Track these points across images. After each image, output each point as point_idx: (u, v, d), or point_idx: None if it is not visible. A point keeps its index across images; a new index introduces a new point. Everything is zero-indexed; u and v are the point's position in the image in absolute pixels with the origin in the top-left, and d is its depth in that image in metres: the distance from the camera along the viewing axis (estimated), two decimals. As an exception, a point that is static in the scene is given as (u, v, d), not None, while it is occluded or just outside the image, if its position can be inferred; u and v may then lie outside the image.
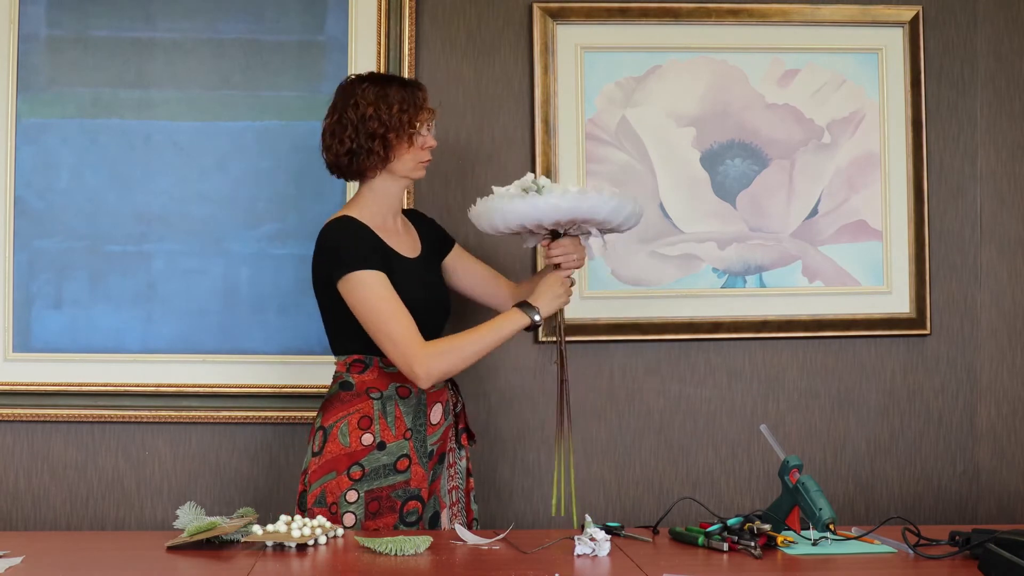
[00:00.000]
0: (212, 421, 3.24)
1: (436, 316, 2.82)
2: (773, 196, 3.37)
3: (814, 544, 2.34)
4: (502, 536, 2.42)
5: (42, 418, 3.21)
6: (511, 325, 2.71)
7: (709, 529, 2.36)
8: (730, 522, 2.35)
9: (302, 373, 3.23)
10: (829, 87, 3.39)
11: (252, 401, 3.24)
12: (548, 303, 2.74)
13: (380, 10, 3.26)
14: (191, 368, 3.23)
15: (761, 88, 3.37)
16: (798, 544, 2.35)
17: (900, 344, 3.39)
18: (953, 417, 3.40)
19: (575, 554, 2.27)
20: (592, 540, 2.28)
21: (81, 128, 3.24)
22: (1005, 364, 3.41)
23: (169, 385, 3.22)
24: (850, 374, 3.38)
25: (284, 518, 2.39)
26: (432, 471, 2.76)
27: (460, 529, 2.45)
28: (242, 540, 2.36)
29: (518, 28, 3.34)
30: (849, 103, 3.39)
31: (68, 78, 3.23)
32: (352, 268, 2.67)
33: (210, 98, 3.26)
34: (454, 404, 2.87)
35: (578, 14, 3.32)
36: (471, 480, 2.90)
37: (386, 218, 2.81)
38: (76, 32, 3.24)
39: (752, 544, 2.27)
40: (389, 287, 2.68)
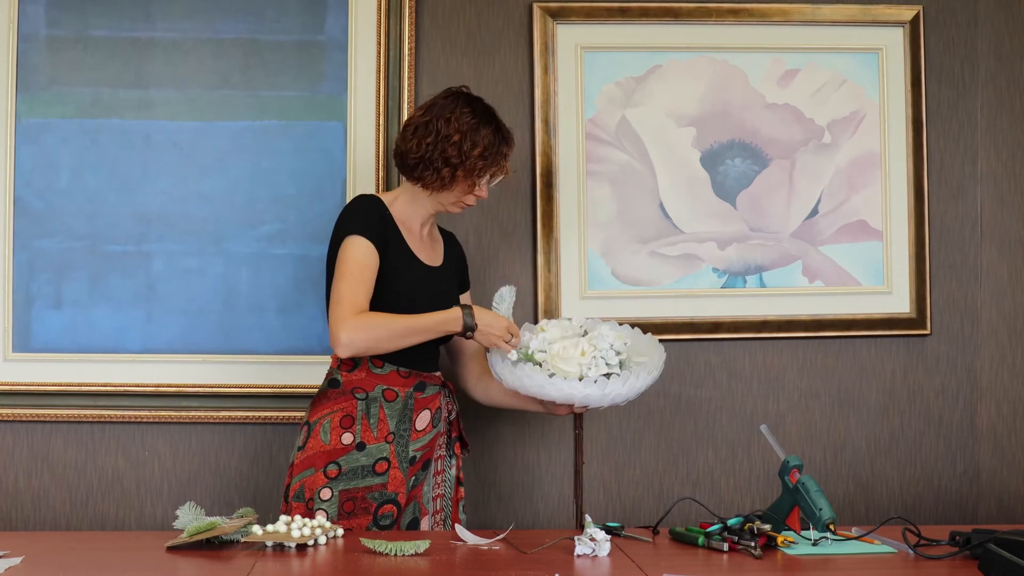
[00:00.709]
0: (212, 421, 3.24)
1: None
2: (773, 196, 3.37)
3: (814, 544, 2.34)
4: (502, 536, 2.42)
5: (42, 418, 3.21)
6: (446, 326, 2.71)
7: (709, 529, 2.35)
8: (730, 522, 2.35)
9: (302, 373, 3.23)
10: (829, 87, 3.39)
11: (252, 401, 3.24)
12: (485, 334, 2.72)
13: (380, 10, 3.26)
14: (191, 368, 3.23)
15: (761, 88, 3.37)
16: (798, 544, 2.35)
17: (900, 344, 3.39)
18: (953, 417, 3.40)
19: (575, 554, 2.27)
20: (592, 540, 2.27)
21: (81, 128, 3.23)
22: (1005, 364, 3.41)
23: (169, 385, 3.22)
24: (850, 374, 3.38)
25: (284, 518, 2.39)
26: (413, 477, 2.76)
27: (460, 529, 2.45)
28: (242, 540, 2.35)
29: (518, 28, 3.34)
30: (849, 103, 3.39)
31: (68, 78, 3.23)
32: (349, 232, 2.72)
33: (210, 98, 3.26)
34: (448, 412, 2.86)
35: (578, 14, 3.32)
36: (461, 489, 2.89)
37: (412, 220, 2.84)
38: (76, 32, 3.24)
39: (752, 544, 2.27)
40: (369, 258, 2.70)
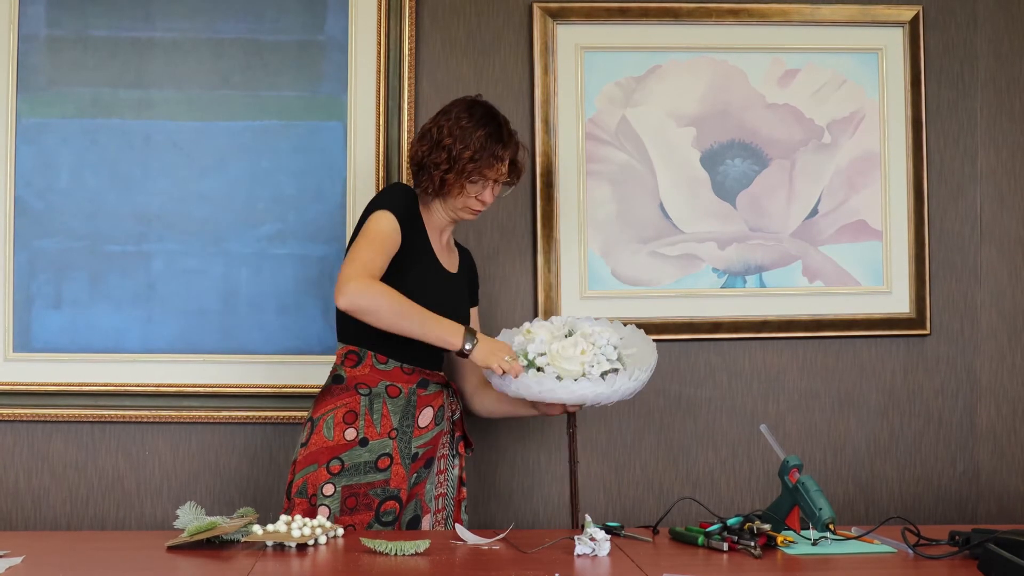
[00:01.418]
0: (212, 421, 3.24)
1: None
2: (773, 196, 3.37)
3: (814, 544, 2.34)
4: (502, 536, 2.42)
5: (42, 418, 3.21)
6: (448, 333, 2.66)
7: (709, 529, 2.35)
8: (730, 522, 2.35)
9: (302, 373, 3.23)
10: (829, 87, 3.39)
11: (252, 401, 3.24)
12: (484, 354, 2.67)
13: (380, 10, 3.26)
14: (191, 368, 3.23)
15: (761, 88, 3.37)
16: (798, 544, 2.35)
17: (900, 344, 3.39)
18: (953, 417, 3.40)
19: (575, 554, 2.27)
20: (592, 540, 2.28)
21: (81, 128, 3.24)
22: (1005, 364, 3.41)
23: (169, 385, 3.22)
24: (850, 374, 3.38)
25: (284, 518, 2.39)
26: (416, 474, 2.76)
27: (460, 529, 2.45)
28: (242, 540, 2.35)
29: (518, 28, 3.34)
30: (849, 103, 3.39)
31: (68, 78, 3.23)
32: (379, 207, 2.74)
33: (210, 98, 3.26)
34: (452, 411, 2.86)
35: (578, 14, 3.32)
36: (463, 490, 2.89)
37: (433, 225, 2.86)
38: (76, 32, 3.24)
39: (752, 544, 2.27)
40: (394, 232, 2.72)
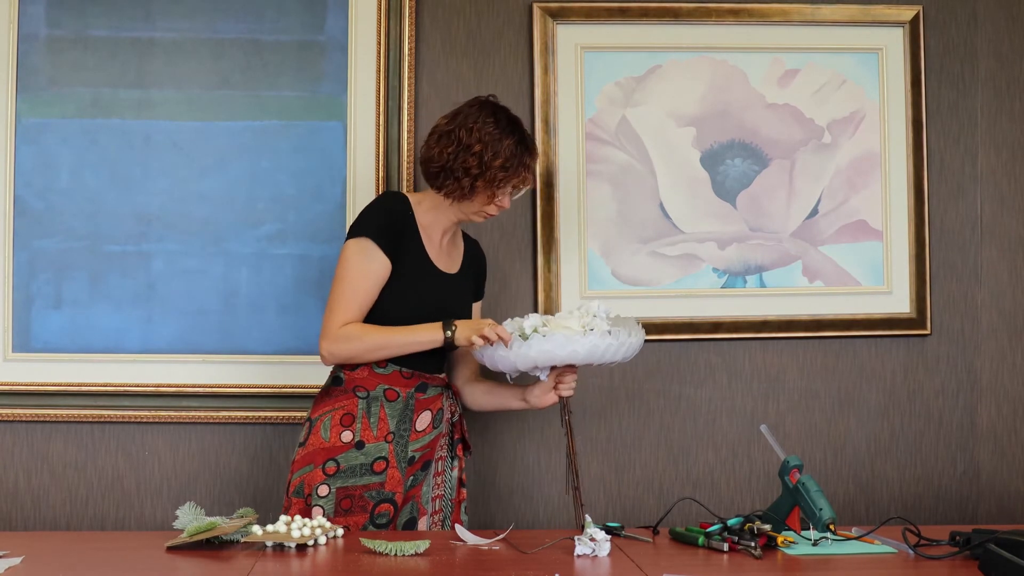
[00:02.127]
0: (212, 421, 3.24)
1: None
2: (773, 196, 3.37)
3: (814, 544, 2.34)
4: (502, 536, 2.42)
5: (42, 418, 3.21)
6: (427, 336, 2.69)
7: (709, 529, 2.35)
8: (730, 522, 2.35)
9: (302, 373, 3.23)
10: (829, 87, 3.39)
11: (252, 401, 3.24)
12: (467, 332, 2.68)
13: (380, 10, 3.26)
14: (191, 368, 3.23)
15: (761, 88, 3.37)
16: (798, 544, 2.35)
17: (900, 344, 3.39)
18: (953, 417, 3.40)
19: (575, 554, 2.27)
20: (592, 540, 2.27)
21: (81, 128, 3.23)
22: (1005, 364, 3.41)
23: (169, 385, 3.22)
24: (850, 374, 3.38)
25: (284, 518, 2.39)
26: (412, 477, 2.76)
27: (460, 529, 2.45)
28: (242, 540, 2.35)
29: (518, 28, 3.34)
30: (849, 103, 3.39)
31: (68, 78, 3.23)
32: (360, 233, 2.73)
33: (210, 98, 3.26)
34: (451, 413, 2.86)
35: (578, 14, 3.32)
36: (463, 491, 2.89)
37: (434, 226, 2.83)
38: (76, 32, 3.24)
39: (752, 544, 2.27)
40: (372, 266, 2.70)
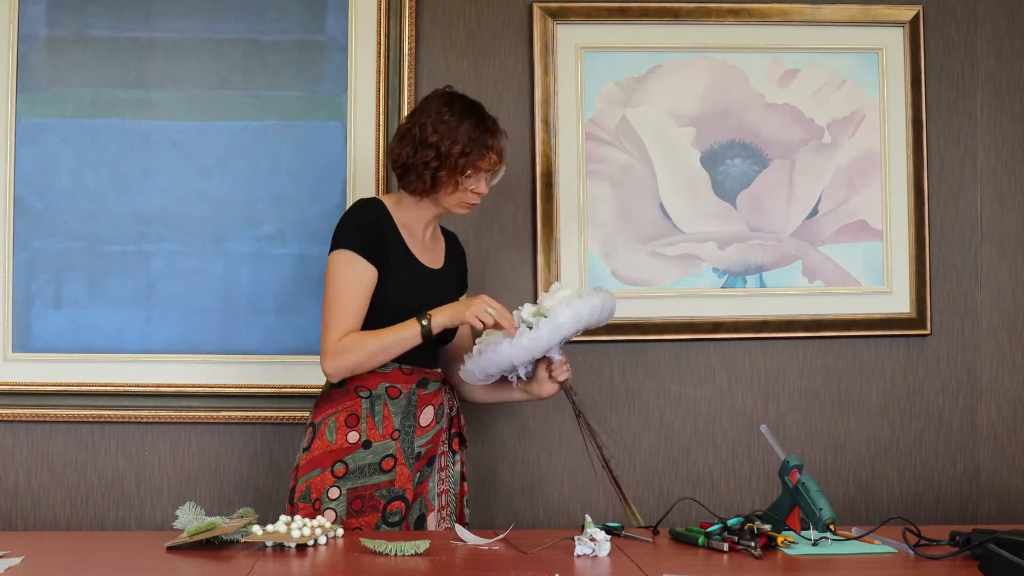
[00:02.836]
0: (212, 421, 3.24)
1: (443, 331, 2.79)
2: (773, 196, 3.37)
3: (814, 544, 2.34)
4: (502, 536, 2.42)
5: (42, 418, 3.21)
6: (407, 331, 2.69)
7: (709, 529, 2.35)
8: (730, 522, 2.35)
9: (301, 373, 3.23)
10: (829, 87, 3.39)
11: (252, 401, 3.24)
12: (458, 312, 2.69)
13: (380, 10, 3.26)
14: (191, 368, 3.23)
15: (761, 88, 3.37)
16: (798, 544, 2.35)
17: (900, 344, 3.39)
18: (953, 417, 3.40)
19: (575, 554, 2.27)
20: (592, 540, 2.27)
21: (81, 128, 3.24)
22: (1005, 364, 3.41)
23: (169, 385, 3.22)
24: (850, 374, 3.38)
25: (284, 518, 2.39)
26: (419, 473, 2.76)
27: (460, 529, 2.45)
28: (242, 540, 2.35)
29: (518, 28, 3.34)
30: (849, 103, 3.39)
31: (68, 78, 3.23)
32: (340, 245, 2.72)
33: (210, 98, 3.26)
34: (449, 408, 2.86)
35: (578, 14, 3.32)
36: (464, 484, 2.89)
37: (414, 223, 2.82)
38: (76, 32, 3.24)
39: (752, 544, 2.27)
40: (360, 274, 2.70)
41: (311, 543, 2.35)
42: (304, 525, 2.36)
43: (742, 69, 3.37)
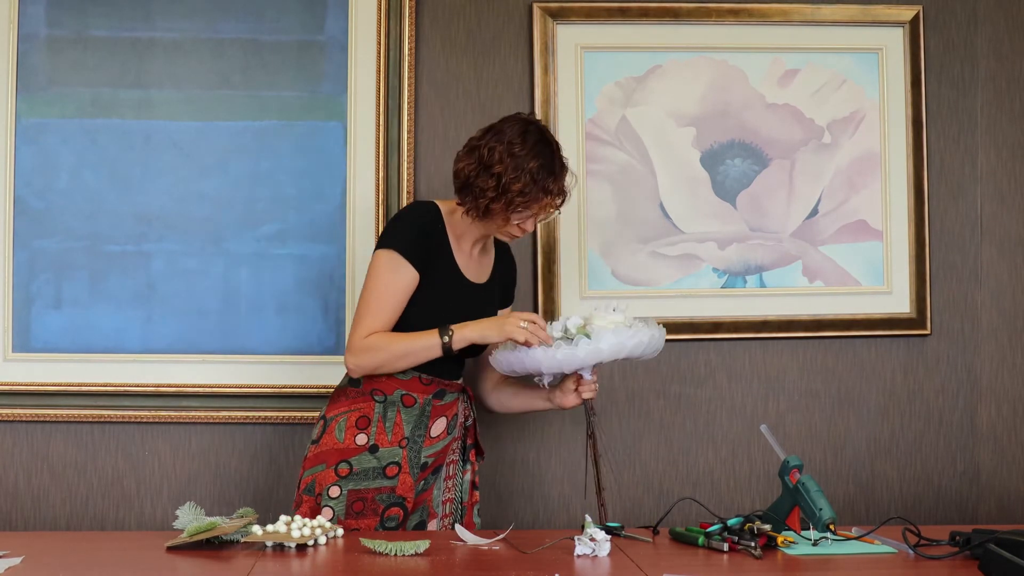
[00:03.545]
0: (212, 421, 3.24)
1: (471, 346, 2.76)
2: (773, 196, 3.37)
3: (814, 544, 2.34)
4: (502, 536, 2.42)
5: (42, 418, 3.21)
6: (429, 341, 2.65)
7: (709, 529, 2.35)
8: (730, 522, 2.35)
9: (302, 373, 3.23)
10: (829, 87, 3.39)
11: (252, 401, 3.24)
12: (477, 329, 2.65)
13: (380, 10, 3.26)
14: (191, 368, 3.23)
15: (761, 88, 3.37)
16: (798, 544, 2.35)
17: (900, 344, 3.39)
18: (953, 417, 3.40)
19: (575, 554, 2.27)
20: (592, 540, 2.27)
21: (81, 128, 3.23)
22: (1005, 364, 3.41)
23: (169, 385, 3.22)
24: (850, 374, 3.38)
25: (284, 518, 2.39)
26: (423, 481, 2.75)
27: (460, 529, 2.45)
28: (242, 540, 2.35)
29: (518, 28, 3.34)
30: (849, 103, 3.39)
31: (68, 78, 3.23)
32: (388, 245, 2.70)
33: (210, 98, 3.26)
34: (464, 417, 2.85)
35: (578, 14, 3.32)
36: (476, 493, 2.87)
37: (463, 236, 2.79)
38: (76, 32, 3.24)
39: (752, 544, 2.27)
40: (401, 277, 2.68)
41: (311, 543, 2.35)
42: (304, 525, 2.36)
43: (742, 69, 3.37)
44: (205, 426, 3.25)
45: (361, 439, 2.72)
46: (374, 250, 2.75)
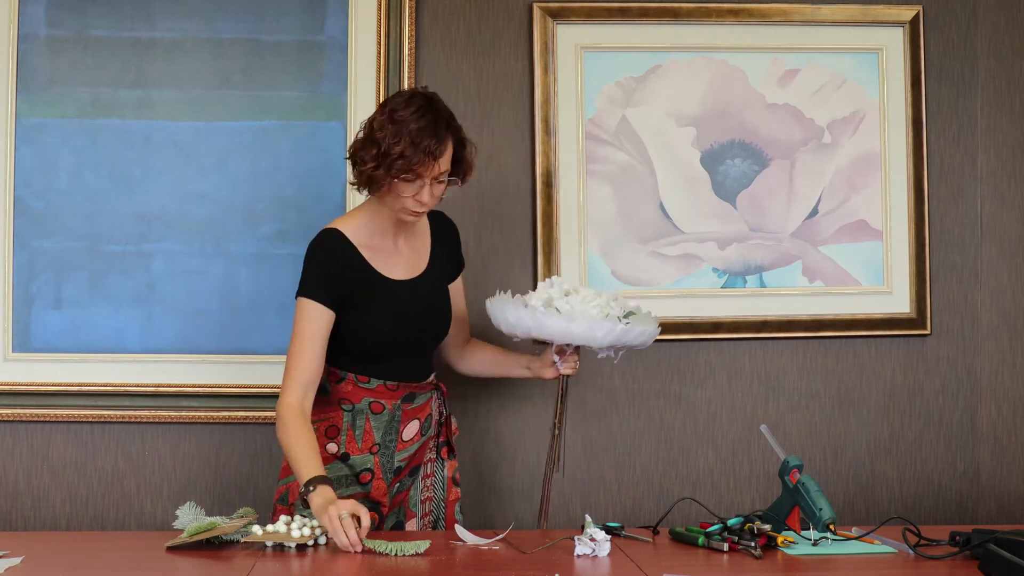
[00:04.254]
0: (212, 421, 3.24)
1: (424, 335, 2.75)
2: (773, 196, 3.37)
3: (814, 544, 2.34)
4: (502, 536, 2.42)
5: (42, 418, 3.21)
6: (298, 471, 2.49)
7: (709, 529, 2.36)
8: (730, 522, 2.35)
9: (302, 373, 3.23)
10: (829, 87, 3.39)
11: (252, 401, 3.24)
12: (317, 507, 2.39)
13: (380, 10, 3.26)
14: (191, 368, 3.23)
15: (761, 88, 3.37)
16: (798, 544, 2.35)
17: (900, 344, 3.39)
18: (953, 417, 3.40)
19: (575, 554, 2.27)
20: (592, 540, 2.28)
21: (81, 128, 3.23)
22: (1005, 364, 3.41)
23: (169, 385, 3.22)
24: (850, 374, 3.38)
25: (284, 518, 2.39)
26: (398, 484, 2.74)
27: (460, 529, 2.45)
28: (242, 540, 2.36)
29: (518, 28, 3.34)
30: (849, 103, 3.39)
31: (68, 78, 3.23)
32: (300, 293, 2.65)
33: (210, 98, 3.26)
34: (439, 414, 2.83)
35: (578, 14, 3.32)
36: (456, 490, 2.84)
37: (382, 235, 2.71)
38: (76, 32, 3.24)
39: (752, 544, 2.27)
40: (316, 323, 2.61)
41: (311, 543, 2.36)
42: (304, 525, 2.36)
43: (742, 69, 3.37)
44: (205, 426, 3.25)
45: (332, 448, 2.70)
46: (297, 299, 2.67)
